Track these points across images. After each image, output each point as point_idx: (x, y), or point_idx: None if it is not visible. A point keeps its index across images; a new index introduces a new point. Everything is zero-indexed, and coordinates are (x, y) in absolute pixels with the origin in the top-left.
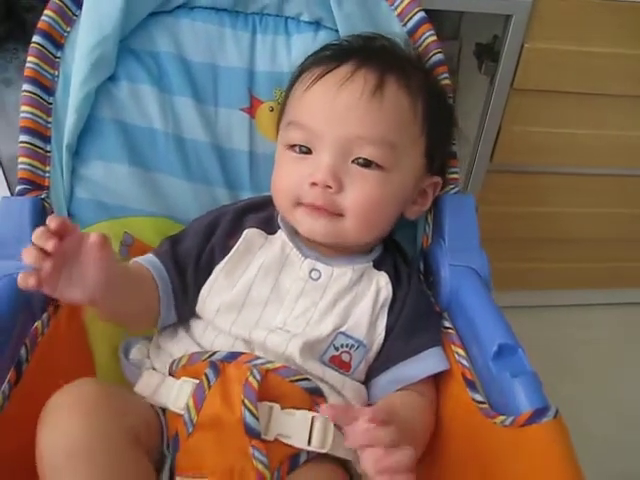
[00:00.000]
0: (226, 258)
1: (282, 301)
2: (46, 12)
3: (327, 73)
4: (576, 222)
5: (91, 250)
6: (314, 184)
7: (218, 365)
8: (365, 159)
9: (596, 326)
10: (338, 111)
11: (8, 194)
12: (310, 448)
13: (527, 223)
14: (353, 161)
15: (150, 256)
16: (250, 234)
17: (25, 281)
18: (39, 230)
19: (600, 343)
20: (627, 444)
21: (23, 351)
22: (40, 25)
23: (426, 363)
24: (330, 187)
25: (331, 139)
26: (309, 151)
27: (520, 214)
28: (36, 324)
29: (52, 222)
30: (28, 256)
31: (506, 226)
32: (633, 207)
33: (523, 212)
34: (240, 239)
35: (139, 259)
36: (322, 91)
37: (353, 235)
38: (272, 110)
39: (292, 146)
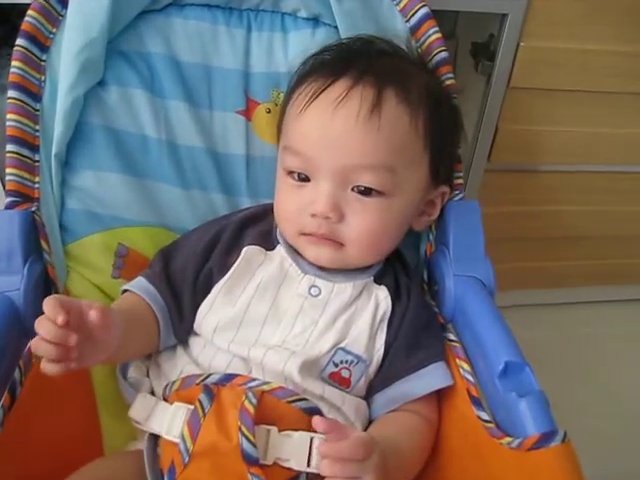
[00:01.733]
0: (225, 277)
1: (281, 319)
2: (29, 12)
3: (322, 92)
4: (575, 220)
5: (94, 325)
6: (314, 215)
7: (212, 389)
8: (365, 187)
9: (598, 324)
10: (334, 138)
11: None
12: (310, 470)
13: (526, 222)
14: (352, 189)
15: (143, 282)
16: (249, 252)
17: (60, 372)
18: (51, 328)
19: (603, 340)
20: (633, 443)
21: (17, 373)
22: (24, 27)
23: (428, 379)
24: (330, 218)
25: (328, 168)
26: (307, 178)
27: (518, 213)
28: (30, 343)
29: (58, 315)
30: (52, 352)
31: (504, 225)
32: (631, 205)
33: (521, 211)
34: (239, 258)
35: (132, 287)
36: (317, 115)
37: (358, 261)
38: (269, 112)
39: (290, 172)
